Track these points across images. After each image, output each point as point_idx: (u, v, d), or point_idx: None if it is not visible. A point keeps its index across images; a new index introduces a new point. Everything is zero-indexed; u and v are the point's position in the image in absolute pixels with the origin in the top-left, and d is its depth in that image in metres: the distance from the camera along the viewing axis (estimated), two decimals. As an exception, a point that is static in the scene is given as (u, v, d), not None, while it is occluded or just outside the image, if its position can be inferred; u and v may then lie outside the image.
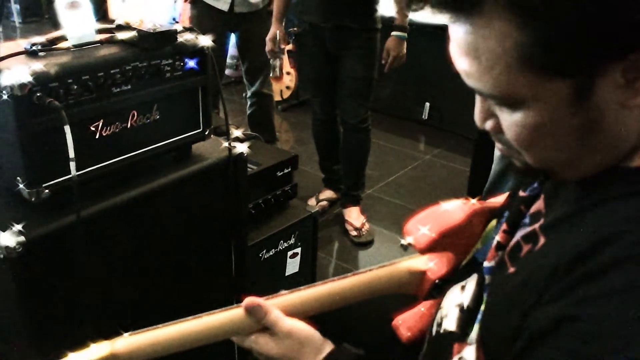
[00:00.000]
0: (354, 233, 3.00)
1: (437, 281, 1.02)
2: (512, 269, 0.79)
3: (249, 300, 0.91)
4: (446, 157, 3.98)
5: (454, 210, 1.01)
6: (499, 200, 1.05)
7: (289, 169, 2.17)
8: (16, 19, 7.10)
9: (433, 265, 1.03)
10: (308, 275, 2.33)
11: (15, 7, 7.02)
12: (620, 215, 0.64)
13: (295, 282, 2.26)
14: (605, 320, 0.58)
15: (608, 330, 0.58)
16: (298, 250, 2.22)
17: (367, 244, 2.98)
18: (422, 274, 1.04)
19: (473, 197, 1.04)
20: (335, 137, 3.12)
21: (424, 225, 1.00)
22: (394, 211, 3.30)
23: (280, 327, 0.89)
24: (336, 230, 3.10)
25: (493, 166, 2.74)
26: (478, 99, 0.74)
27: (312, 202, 3.20)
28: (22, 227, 1.10)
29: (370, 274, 1.01)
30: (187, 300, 1.53)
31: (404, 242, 1.02)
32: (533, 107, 0.65)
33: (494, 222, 0.98)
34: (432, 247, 1.00)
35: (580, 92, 0.63)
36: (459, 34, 0.67)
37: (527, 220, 0.82)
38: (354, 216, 3.05)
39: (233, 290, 1.66)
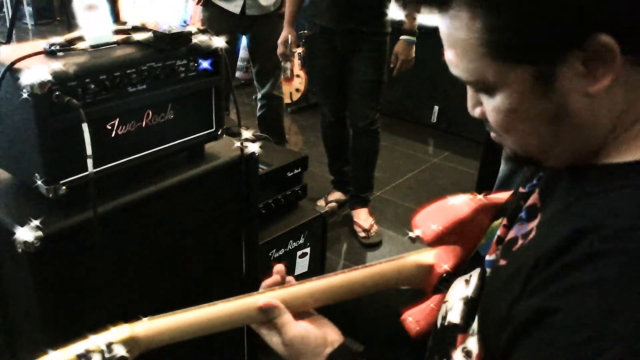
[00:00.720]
0: (362, 234, 3.01)
1: (444, 275, 1.04)
2: (503, 262, 0.83)
3: (266, 300, 0.94)
4: (454, 160, 3.99)
5: (461, 204, 1.03)
6: (504, 195, 1.07)
7: (299, 170, 2.20)
8: (28, 21, 7.18)
9: (440, 259, 1.05)
10: (317, 274, 2.34)
11: (27, 10, 7.10)
12: (597, 209, 0.66)
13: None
14: (581, 312, 0.60)
15: (583, 321, 0.60)
16: (307, 250, 2.24)
17: (376, 245, 2.99)
18: (430, 267, 1.06)
19: (480, 194, 1.06)
20: (345, 139, 3.14)
21: (431, 219, 1.02)
22: (402, 213, 3.32)
23: (284, 333, 0.92)
24: (345, 231, 3.12)
25: (501, 168, 2.75)
26: (468, 88, 0.80)
27: (321, 203, 3.23)
28: (40, 223, 1.12)
29: (378, 267, 1.03)
30: (198, 296, 1.56)
31: (412, 234, 1.04)
32: (504, 93, 0.70)
33: (500, 220, 1.00)
34: (440, 240, 1.02)
35: (542, 79, 0.67)
36: (441, 27, 0.74)
37: (523, 214, 0.85)
38: (362, 217, 3.07)
39: (243, 288, 1.68)
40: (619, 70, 0.65)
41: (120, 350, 0.89)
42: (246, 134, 1.54)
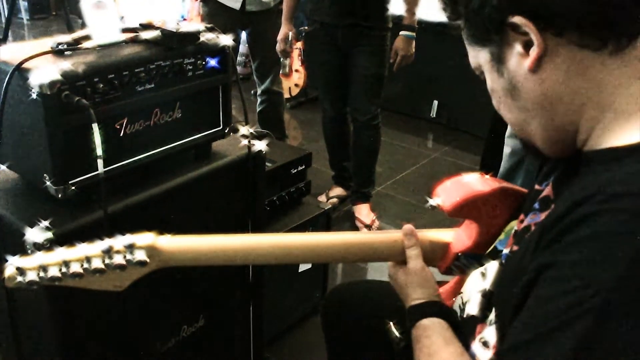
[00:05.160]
0: (364, 230, 3.01)
1: (459, 255, 1.04)
2: (515, 247, 0.90)
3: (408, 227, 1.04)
4: (454, 155, 3.99)
5: (482, 182, 1.05)
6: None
7: (303, 167, 2.19)
8: (24, 16, 7.14)
9: (457, 239, 1.06)
10: (320, 272, 2.35)
11: (23, 4, 7.06)
12: (596, 182, 0.71)
13: (308, 278, 2.28)
14: (571, 264, 0.66)
15: (572, 272, 0.65)
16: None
17: (377, 241, 2.98)
18: (446, 246, 1.06)
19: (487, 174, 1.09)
20: (345, 134, 3.14)
21: (452, 190, 1.04)
22: (403, 208, 3.31)
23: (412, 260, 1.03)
24: (346, 227, 3.11)
25: (502, 163, 2.75)
26: None
27: (322, 199, 3.22)
28: (50, 224, 1.11)
29: (396, 234, 1.04)
30: (204, 289, 1.56)
31: (432, 202, 1.05)
32: (486, 75, 0.85)
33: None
34: (458, 211, 1.03)
35: (495, 60, 0.81)
36: None
37: (536, 204, 0.89)
38: (364, 213, 3.07)
39: (248, 284, 1.68)
40: (554, 49, 0.74)
41: (141, 255, 0.90)
42: (244, 130, 1.51)
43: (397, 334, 1.05)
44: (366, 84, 2.82)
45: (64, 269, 0.87)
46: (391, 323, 1.06)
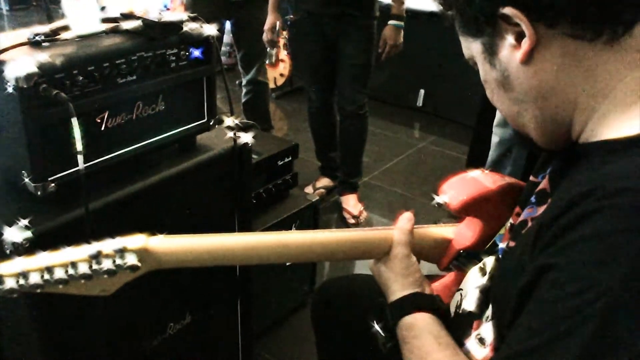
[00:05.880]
0: (352, 221, 2.99)
1: (462, 251, 1.02)
2: (512, 244, 0.87)
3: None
4: (441, 144, 3.98)
5: (488, 178, 1.03)
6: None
7: (290, 158, 2.16)
8: (3, 6, 7.01)
9: (460, 235, 1.04)
10: (308, 265, 2.32)
11: (2, -6, 6.93)
12: (594, 177, 0.69)
13: (296, 271, 2.25)
14: (573, 266, 0.63)
15: (575, 275, 0.63)
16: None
17: (365, 231, 2.96)
18: (448, 242, 1.04)
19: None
20: (332, 124, 3.11)
21: (459, 187, 1.01)
22: (390, 199, 3.29)
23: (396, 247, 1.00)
24: (334, 218, 3.09)
25: (490, 152, 2.74)
26: None
27: (309, 190, 3.19)
28: (29, 222, 1.07)
29: (383, 233, 1.01)
30: (190, 285, 1.52)
31: (438, 200, 1.02)
32: (478, 64, 0.84)
33: None
34: (465, 210, 1.00)
35: (487, 51, 0.80)
36: None
37: (533, 198, 0.87)
38: (351, 204, 3.04)
39: (236, 280, 1.65)
40: (546, 40, 0.73)
41: (132, 259, 0.87)
42: (229, 121, 1.47)
43: (382, 333, 1.02)
44: (353, 73, 2.78)
45: (46, 276, 0.83)
46: (375, 324, 1.00)
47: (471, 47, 0.83)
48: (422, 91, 4.36)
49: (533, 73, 0.76)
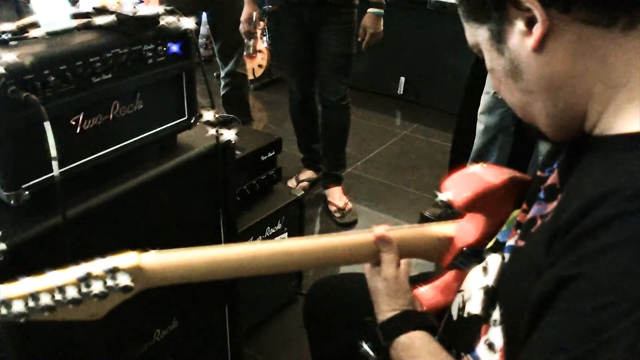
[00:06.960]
0: (337, 214, 2.95)
1: (464, 249, 0.98)
2: (521, 243, 0.83)
3: (381, 231, 0.97)
4: (424, 132, 3.94)
5: (490, 172, 1.00)
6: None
7: (273, 153, 2.10)
8: (-30, 2, 6.82)
9: (462, 232, 1.00)
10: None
11: (-31, -10, 6.74)
12: (612, 176, 0.65)
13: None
14: (600, 276, 0.59)
15: (603, 286, 0.58)
16: (285, 235, 2.16)
17: (351, 224, 2.93)
18: (450, 240, 1.00)
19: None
20: (314, 116, 3.06)
21: (462, 183, 0.98)
22: (375, 189, 3.26)
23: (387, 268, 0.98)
24: (319, 211, 3.05)
25: (475, 140, 2.71)
26: None
27: (292, 183, 3.14)
28: (2, 234, 1.02)
29: (399, 232, 0.98)
30: (176, 290, 1.47)
31: (442, 197, 0.98)
32: (484, 54, 0.79)
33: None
34: (469, 206, 0.97)
35: (495, 38, 0.75)
36: None
37: (541, 194, 0.83)
38: (336, 197, 3.00)
39: (222, 283, 1.60)
40: (559, 26, 0.68)
41: (124, 280, 0.81)
42: (209, 115, 1.41)
43: (371, 352, 0.99)
44: (335, 63, 2.73)
45: (31, 303, 0.76)
46: (363, 343, 0.98)
47: (476, 34, 0.78)
48: (402, 79, 4.31)
49: (545, 61, 0.71)
